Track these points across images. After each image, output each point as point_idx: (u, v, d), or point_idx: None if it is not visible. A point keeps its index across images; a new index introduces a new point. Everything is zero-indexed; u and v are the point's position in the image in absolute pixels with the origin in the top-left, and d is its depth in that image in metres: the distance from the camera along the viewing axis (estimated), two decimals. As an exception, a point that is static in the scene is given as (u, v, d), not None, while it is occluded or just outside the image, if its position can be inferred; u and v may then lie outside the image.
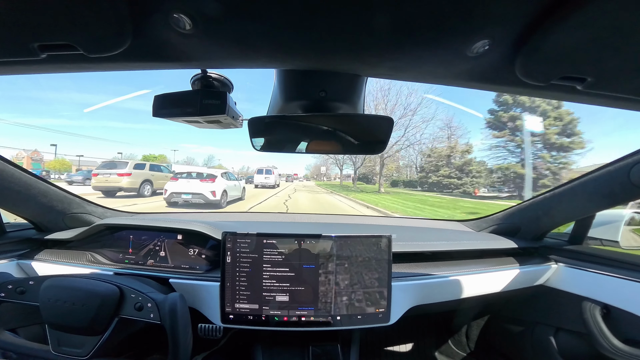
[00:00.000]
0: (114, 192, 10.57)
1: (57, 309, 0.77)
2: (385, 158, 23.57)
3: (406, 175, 35.70)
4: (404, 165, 34.89)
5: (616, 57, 0.45)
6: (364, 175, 37.21)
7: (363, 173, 36.06)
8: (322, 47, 0.51)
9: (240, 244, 0.96)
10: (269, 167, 23.07)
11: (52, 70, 0.56)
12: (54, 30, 0.43)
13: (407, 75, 0.61)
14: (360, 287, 0.97)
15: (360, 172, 33.94)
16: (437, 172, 27.05)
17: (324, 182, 49.38)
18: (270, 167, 23.65)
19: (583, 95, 0.57)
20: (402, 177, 35.16)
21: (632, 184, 0.91)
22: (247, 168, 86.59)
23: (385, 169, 26.27)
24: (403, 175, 35.59)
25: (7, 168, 1.00)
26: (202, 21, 0.43)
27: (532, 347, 1.30)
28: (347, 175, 39.91)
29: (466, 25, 0.44)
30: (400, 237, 1.18)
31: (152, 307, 0.78)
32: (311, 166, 77.13)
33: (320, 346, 1.07)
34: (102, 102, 78.23)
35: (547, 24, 0.41)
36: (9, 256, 1.11)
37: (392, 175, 33.61)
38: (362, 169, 31.88)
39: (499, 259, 1.27)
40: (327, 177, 61.11)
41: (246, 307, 0.95)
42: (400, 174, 35.42)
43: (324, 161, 40.99)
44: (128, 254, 1.15)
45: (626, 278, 1.01)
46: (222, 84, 0.70)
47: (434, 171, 27.57)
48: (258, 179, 22.27)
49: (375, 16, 0.42)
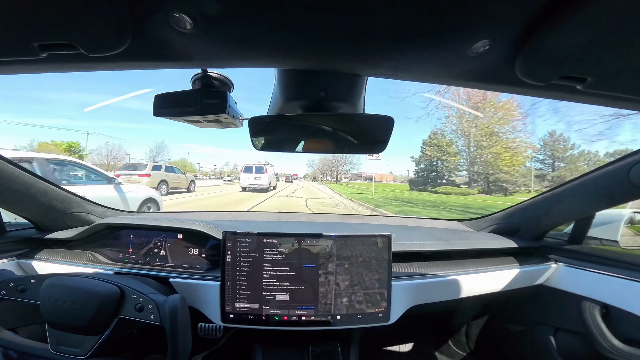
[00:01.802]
0: None
1: (57, 307, 0.78)
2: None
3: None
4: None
5: (616, 57, 0.45)
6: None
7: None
8: (323, 46, 0.51)
9: (241, 243, 0.96)
10: (260, 164, 17.17)
11: (52, 70, 0.56)
12: (54, 29, 0.43)
13: (408, 75, 0.61)
14: (360, 289, 0.97)
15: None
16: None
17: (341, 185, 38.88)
18: (263, 163, 17.49)
19: (583, 95, 0.58)
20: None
21: (631, 184, 0.91)
22: (233, 166, 76.00)
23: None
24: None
25: (7, 167, 1.00)
26: (202, 21, 0.43)
27: (531, 347, 1.30)
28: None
29: (466, 25, 0.44)
30: (400, 236, 1.18)
31: (153, 308, 0.78)
32: (314, 162, 69.83)
33: (320, 346, 1.07)
34: (102, 101, 78.03)
35: (548, 24, 0.41)
36: (9, 255, 1.11)
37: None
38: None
39: (498, 259, 1.27)
40: (341, 177, 57.33)
41: (246, 306, 0.95)
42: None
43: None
44: (128, 254, 1.15)
45: (626, 278, 1.01)
46: (223, 84, 0.70)
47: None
48: (245, 179, 16.88)
49: (375, 16, 0.42)
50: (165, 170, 12.45)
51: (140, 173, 11.16)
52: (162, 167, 12.42)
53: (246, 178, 16.99)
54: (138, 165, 12.03)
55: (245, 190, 16.69)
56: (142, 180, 10.94)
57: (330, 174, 61.27)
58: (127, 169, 11.66)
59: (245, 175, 17.12)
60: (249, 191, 16.39)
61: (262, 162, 17.89)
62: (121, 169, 11.90)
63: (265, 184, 16.86)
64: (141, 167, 11.55)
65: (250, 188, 16.83)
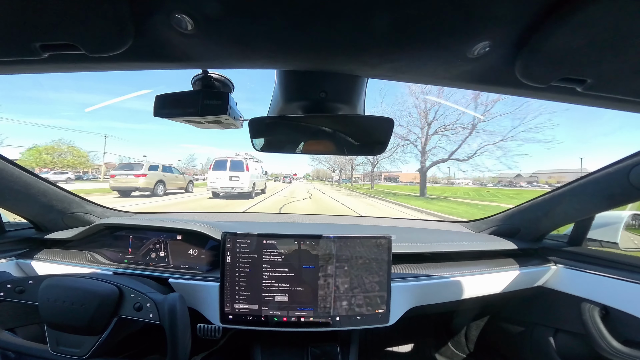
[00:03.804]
0: (129, 192, 11.08)
1: (56, 308, 0.77)
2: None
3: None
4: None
5: (616, 58, 0.45)
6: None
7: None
8: (323, 48, 0.51)
9: (240, 244, 0.96)
10: (238, 158, 11.70)
11: (53, 70, 0.57)
12: (55, 30, 0.43)
13: (408, 77, 0.61)
14: (360, 292, 0.97)
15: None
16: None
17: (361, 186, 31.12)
18: (242, 156, 12.03)
19: (583, 97, 0.58)
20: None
21: (631, 186, 0.91)
22: (190, 159, 54.86)
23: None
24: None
25: (7, 167, 1.00)
26: (203, 21, 0.43)
27: (531, 348, 1.30)
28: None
29: (466, 27, 0.44)
30: (400, 238, 1.18)
31: (152, 307, 0.78)
32: (319, 157, 46.10)
33: (319, 347, 1.07)
34: (103, 101, 78.25)
35: (547, 25, 0.41)
36: (8, 255, 1.11)
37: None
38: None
39: (498, 260, 1.27)
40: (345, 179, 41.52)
41: (245, 307, 0.95)
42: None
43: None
44: (127, 254, 1.14)
45: (625, 279, 1.01)
46: (223, 85, 0.70)
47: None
48: (216, 179, 11.26)
49: (375, 17, 0.42)
50: (162, 170, 12.00)
51: (136, 173, 10.79)
52: (160, 167, 11.94)
53: (217, 178, 11.24)
54: (134, 165, 11.35)
55: (218, 197, 11.28)
56: (139, 181, 10.68)
57: (341, 173, 43.03)
58: (123, 169, 11.20)
59: (215, 174, 11.28)
60: (221, 198, 11.06)
61: (240, 155, 12.28)
62: (117, 169, 11.49)
63: (245, 187, 11.17)
64: (137, 167, 11.10)
65: (225, 193, 11.46)
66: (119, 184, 10.80)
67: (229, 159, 11.64)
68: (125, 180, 10.77)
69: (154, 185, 11.21)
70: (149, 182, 10.97)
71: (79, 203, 1.30)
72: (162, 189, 11.66)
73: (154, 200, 9.98)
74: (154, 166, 11.66)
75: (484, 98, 14.95)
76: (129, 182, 10.76)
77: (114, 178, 10.89)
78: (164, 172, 12.07)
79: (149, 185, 11.01)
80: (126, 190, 10.97)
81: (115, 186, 10.85)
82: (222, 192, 11.56)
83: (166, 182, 11.96)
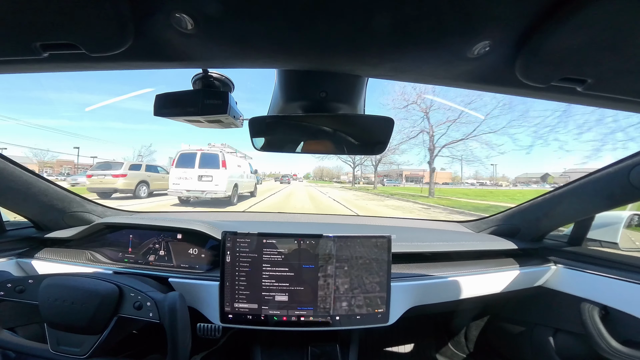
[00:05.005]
0: (109, 194, 10.08)
1: (56, 307, 0.77)
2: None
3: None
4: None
5: (616, 58, 0.45)
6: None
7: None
8: (323, 47, 0.51)
9: (240, 244, 0.96)
10: (210, 151, 9.02)
11: (53, 70, 0.56)
12: (56, 29, 0.43)
13: (408, 76, 0.61)
14: (360, 292, 0.97)
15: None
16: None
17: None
18: (218, 148, 9.41)
19: (583, 97, 0.58)
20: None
21: (632, 186, 0.91)
22: (146, 151, 39.64)
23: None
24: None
25: (7, 167, 1.00)
26: (203, 21, 0.43)
27: (531, 348, 1.30)
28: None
29: (466, 27, 0.44)
30: (400, 237, 1.18)
31: (152, 306, 0.78)
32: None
33: (319, 346, 1.07)
34: (103, 101, 78.30)
35: (547, 25, 0.41)
36: (9, 255, 1.11)
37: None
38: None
39: (498, 260, 1.27)
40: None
41: (245, 306, 0.95)
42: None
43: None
44: (128, 253, 1.15)
45: (625, 280, 1.01)
46: (223, 84, 0.70)
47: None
48: (178, 180, 8.44)
49: (375, 17, 0.42)
50: (146, 169, 10.97)
51: (114, 173, 9.80)
52: (143, 167, 10.94)
53: (181, 178, 8.44)
54: (113, 164, 10.29)
55: (188, 203, 8.79)
56: (117, 181, 9.73)
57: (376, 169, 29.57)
58: (100, 169, 10.19)
59: (179, 173, 8.48)
60: (184, 204, 8.59)
61: (215, 147, 9.62)
62: (94, 169, 10.54)
63: (219, 190, 8.36)
64: (116, 167, 10.02)
65: (194, 198, 8.84)
66: (96, 185, 9.89)
67: (199, 151, 8.75)
68: (103, 181, 9.82)
69: (135, 187, 10.27)
70: (129, 183, 10.05)
71: (80, 202, 1.30)
72: (145, 190, 10.66)
73: (134, 202, 8.68)
74: (136, 165, 10.82)
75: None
76: (107, 182, 9.81)
77: (90, 178, 10.06)
78: (148, 171, 11.08)
79: (129, 187, 10.06)
80: (104, 191, 9.97)
81: (92, 187, 9.94)
82: (190, 198, 8.74)
83: (150, 183, 10.85)
